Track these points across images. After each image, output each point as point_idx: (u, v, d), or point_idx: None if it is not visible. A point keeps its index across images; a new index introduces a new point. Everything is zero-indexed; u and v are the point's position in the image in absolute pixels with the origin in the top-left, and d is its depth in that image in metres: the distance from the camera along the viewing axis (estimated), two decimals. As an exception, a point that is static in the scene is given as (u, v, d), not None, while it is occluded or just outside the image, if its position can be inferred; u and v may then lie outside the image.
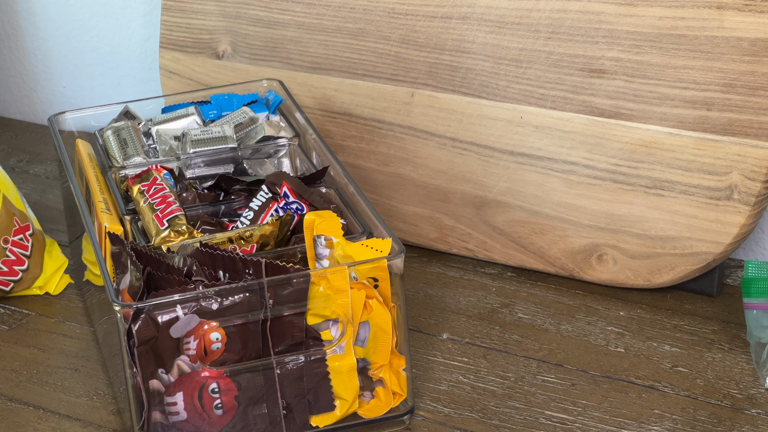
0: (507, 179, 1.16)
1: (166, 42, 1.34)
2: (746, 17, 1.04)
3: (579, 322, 1.11)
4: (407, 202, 1.22)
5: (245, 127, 1.15)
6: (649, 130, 1.09)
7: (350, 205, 1.03)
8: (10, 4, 1.60)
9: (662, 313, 1.12)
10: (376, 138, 1.22)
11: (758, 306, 1.05)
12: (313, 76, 1.25)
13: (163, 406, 0.92)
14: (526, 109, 1.14)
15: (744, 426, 0.97)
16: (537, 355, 1.07)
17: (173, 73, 1.34)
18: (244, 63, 1.29)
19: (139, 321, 0.89)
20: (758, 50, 1.04)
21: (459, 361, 1.06)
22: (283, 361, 0.93)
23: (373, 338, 0.95)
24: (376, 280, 0.94)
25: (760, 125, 1.04)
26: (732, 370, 1.04)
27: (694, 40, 1.06)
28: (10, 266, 1.16)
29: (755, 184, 1.06)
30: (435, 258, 1.22)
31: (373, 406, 0.97)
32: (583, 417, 0.99)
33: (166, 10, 1.33)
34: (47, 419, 1.01)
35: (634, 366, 1.05)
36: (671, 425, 0.97)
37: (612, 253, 1.13)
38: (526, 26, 1.13)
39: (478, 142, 1.17)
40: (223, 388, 0.92)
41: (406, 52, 1.19)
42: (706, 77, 1.06)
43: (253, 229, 0.99)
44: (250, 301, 0.91)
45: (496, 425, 0.98)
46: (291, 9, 1.25)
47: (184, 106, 1.19)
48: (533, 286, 1.17)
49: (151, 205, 1.02)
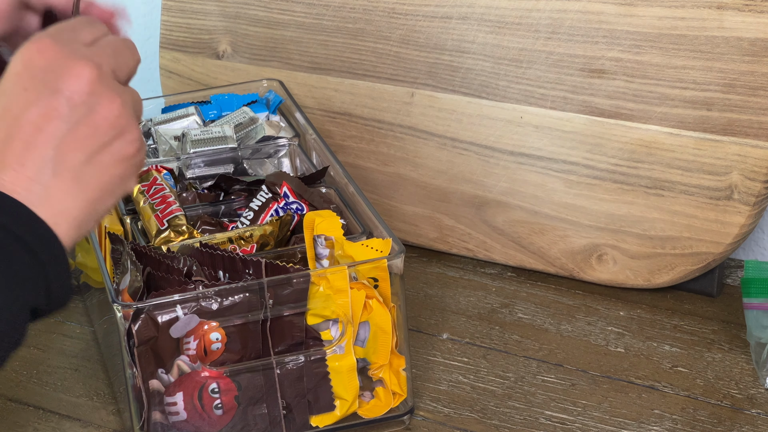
0: (507, 179, 1.16)
1: (166, 42, 1.34)
2: (746, 17, 1.04)
3: (579, 322, 1.11)
4: (407, 202, 1.22)
5: (245, 127, 1.15)
6: (649, 130, 1.09)
7: (350, 205, 1.03)
8: (10, 4, 1.60)
9: (662, 313, 1.12)
10: (376, 138, 1.22)
11: (758, 306, 1.05)
12: (313, 76, 1.25)
13: (163, 406, 0.92)
14: (526, 109, 1.14)
15: (744, 426, 0.97)
16: (537, 355, 1.07)
17: (173, 73, 1.34)
18: (244, 63, 1.29)
19: (139, 321, 0.89)
20: (758, 50, 1.04)
21: (459, 361, 1.06)
22: (283, 361, 0.93)
23: (373, 338, 0.95)
24: (376, 280, 0.94)
25: (760, 125, 1.04)
26: (732, 370, 1.04)
27: (694, 40, 1.06)
28: None
29: (755, 184, 1.06)
30: (435, 258, 1.22)
31: (373, 406, 0.97)
32: (583, 417, 0.99)
33: (166, 10, 1.33)
34: (47, 419, 1.01)
35: (634, 366, 1.05)
36: (671, 425, 0.97)
37: (612, 253, 1.13)
38: (526, 26, 1.13)
39: (478, 142, 1.17)
40: (223, 388, 0.92)
41: (406, 52, 1.19)
42: (706, 77, 1.06)
43: (253, 229, 0.99)
44: (250, 301, 0.91)
45: (496, 425, 0.98)
46: (291, 9, 1.25)
47: (184, 106, 1.19)
48: (533, 286, 1.17)
49: (151, 205, 1.02)
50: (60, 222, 0.72)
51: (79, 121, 0.73)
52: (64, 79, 0.73)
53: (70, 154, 0.72)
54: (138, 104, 0.77)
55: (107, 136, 0.74)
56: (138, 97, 0.78)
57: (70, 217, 0.73)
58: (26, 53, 0.74)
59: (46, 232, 0.72)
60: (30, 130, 0.72)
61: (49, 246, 0.72)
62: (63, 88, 0.73)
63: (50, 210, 0.72)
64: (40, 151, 0.72)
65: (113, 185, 0.74)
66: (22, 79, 0.73)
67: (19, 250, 0.71)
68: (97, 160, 0.73)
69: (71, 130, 0.72)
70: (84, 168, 0.73)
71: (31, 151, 0.72)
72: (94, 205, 0.74)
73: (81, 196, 0.73)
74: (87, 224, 0.74)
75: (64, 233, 0.72)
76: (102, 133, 0.73)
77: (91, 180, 0.73)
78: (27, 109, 0.72)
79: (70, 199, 0.73)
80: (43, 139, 0.72)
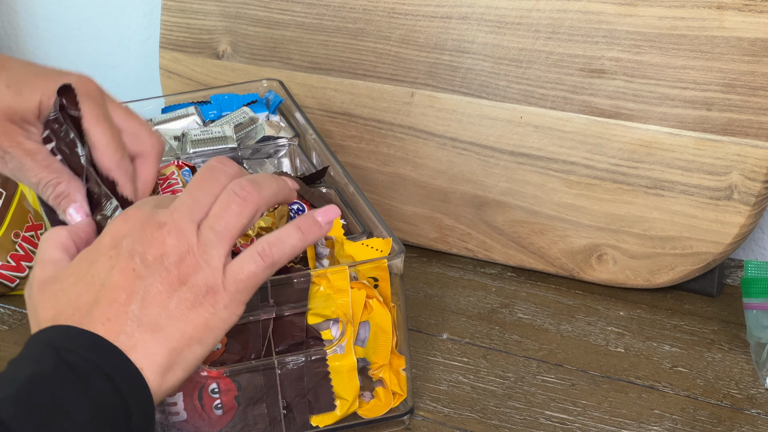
0: (507, 179, 1.16)
1: (166, 42, 1.34)
2: (746, 17, 1.04)
3: (579, 322, 1.11)
4: (407, 202, 1.22)
5: (245, 127, 1.15)
6: (649, 130, 1.09)
7: (350, 205, 1.03)
8: (10, 4, 1.60)
9: (662, 313, 1.12)
10: (376, 138, 1.22)
11: (758, 306, 1.05)
12: (313, 76, 1.25)
13: (163, 407, 0.92)
14: (526, 109, 1.14)
15: (744, 426, 0.97)
16: (537, 355, 1.07)
17: (173, 73, 1.34)
18: (244, 63, 1.29)
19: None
20: (758, 50, 1.04)
21: (459, 361, 1.06)
22: (284, 361, 0.93)
23: (373, 338, 0.95)
24: (376, 280, 0.94)
25: (760, 125, 1.05)
26: (732, 370, 1.04)
27: (694, 40, 1.06)
28: (18, 261, 1.16)
29: (755, 184, 1.06)
30: (435, 258, 1.22)
31: (373, 406, 0.97)
32: (583, 417, 0.99)
33: (166, 10, 1.33)
34: (47, 419, 1.01)
35: (634, 366, 1.05)
36: (671, 425, 0.97)
37: (612, 253, 1.13)
38: (526, 26, 1.13)
39: (478, 142, 1.17)
40: (223, 388, 0.93)
41: (406, 52, 1.19)
42: (706, 77, 1.06)
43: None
44: (250, 301, 0.91)
45: (496, 425, 0.98)
46: (291, 9, 1.25)
47: (184, 106, 1.19)
48: (533, 286, 1.17)
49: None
50: (145, 366, 0.77)
51: (154, 277, 0.78)
52: (141, 242, 0.79)
53: (150, 308, 0.78)
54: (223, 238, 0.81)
55: (176, 284, 0.79)
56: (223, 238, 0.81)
57: (155, 363, 0.77)
58: (113, 224, 0.81)
59: (134, 374, 0.77)
60: (113, 289, 0.78)
61: (135, 387, 0.76)
62: (138, 249, 0.79)
63: (135, 356, 0.77)
64: (124, 307, 0.78)
65: (198, 334, 0.79)
66: (108, 247, 0.80)
67: (108, 388, 0.75)
68: (172, 309, 0.78)
69: (148, 286, 0.78)
70: (164, 318, 0.78)
71: (115, 307, 0.78)
72: (181, 353, 0.78)
73: (166, 344, 0.78)
74: (174, 372, 0.79)
75: (150, 377, 0.77)
76: (172, 282, 0.79)
77: (173, 330, 0.78)
78: (110, 273, 0.78)
79: (154, 347, 0.78)
80: (125, 297, 0.78)
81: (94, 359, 0.75)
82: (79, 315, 0.78)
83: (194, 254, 0.79)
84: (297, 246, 0.83)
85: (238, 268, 0.80)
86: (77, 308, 0.78)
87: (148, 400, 0.77)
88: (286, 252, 0.82)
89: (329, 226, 0.86)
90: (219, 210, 0.80)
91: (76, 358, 0.75)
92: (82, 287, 0.79)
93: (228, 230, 0.80)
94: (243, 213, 0.81)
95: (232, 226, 0.80)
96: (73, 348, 0.76)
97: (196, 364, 0.80)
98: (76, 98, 0.91)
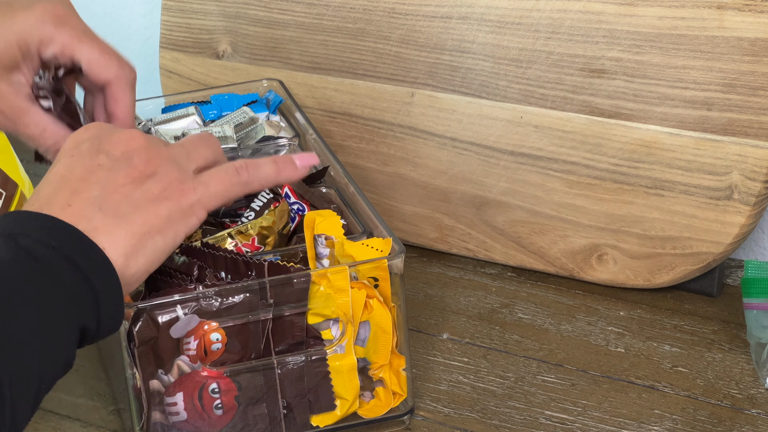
0: (507, 179, 1.16)
1: (166, 42, 1.34)
2: (746, 17, 1.04)
3: (579, 322, 1.11)
4: (407, 202, 1.22)
5: (245, 127, 1.15)
6: (649, 130, 1.09)
7: (350, 205, 1.03)
8: (9, 4, 1.60)
9: (662, 313, 1.12)
10: (376, 138, 1.22)
11: (758, 306, 1.05)
12: (313, 76, 1.25)
13: (163, 407, 0.92)
14: (526, 109, 1.14)
15: (744, 426, 0.97)
16: (537, 355, 1.07)
17: (173, 73, 1.34)
18: (244, 63, 1.29)
19: (140, 321, 0.89)
20: (758, 50, 1.04)
21: (459, 361, 1.06)
22: (284, 360, 0.93)
23: (373, 338, 0.95)
24: (376, 280, 0.94)
25: (760, 125, 1.05)
26: (732, 370, 1.04)
27: (694, 40, 1.06)
28: None
29: (755, 184, 1.06)
30: (435, 258, 1.22)
31: (373, 406, 0.97)
32: (583, 417, 0.99)
33: (166, 10, 1.33)
34: (47, 419, 1.01)
35: (634, 366, 1.05)
36: (671, 425, 0.97)
37: (612, 253, 1.13)
38: (526, 26, 1.13)
39: (478, 142, 1.17)
40: (223, 388, 0.92)
41: (406, 52, 1.19)
42: (706, 77, 1.06)
43: (252, 222, 0.99)
44: (250, 301, 0.91)
45: (496, 425, 0.98)
46: (291, 9, 1.25)
47: (184, 106, 1.19)
48: (533, 286, 1.17)
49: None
50: (107, 247, 0.76)
51: (119, 169, 0.78)
52: (105, 142, 0.80)
53: (113, 195, 0.77)
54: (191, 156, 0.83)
55: (142, 177, 0.79)
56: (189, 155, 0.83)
57: (117, 246, 0.76)
58: (74, 134, 0.81)
59: (96, 254, 0.75)
60: (75, 181, 0.78)
61: (99, 267, 0.75)
62: (104, 148, 0.79)
63: (97, 238, 0.76)
64: (85, 193, 0.77)
65: (159, 224, 0.79)
66: (69, 150, 0.80)
67: (69, 270, 0.73)
68: (137, 198, 0.78)
69: (112, 176, 0.78)
70: (127, 205, 0.78)
71: (77, 194, 0.77)
72: (142, 240, 0.78)
73: (128, 228, 0.77)
74: (135, 258, 0.77)
75: (113, 257, 0.76)
76: (137, 176, 0.79)
77: (136, 216, 0.78)
78: (72, 169, 0.78)
79: (115, 230, 0.77)
80: (87, 185, 0.77)
81: (53, 243, 0.73)
82: (38, 205, 0.77)
83: (164, 156, 0.80)
84: (270, 176, 0.84)
85: (210, 175, 0.81)
86: (36, 200, 0.78)
87: (115, 282, 0.75)
88: (260, 177, 0.83)
89: (305, 170, 0.88)
90: (190, 147, 0.83)
91: (33, 243, 0.73)
92: (43, 185, 0.79)
93: (201, 155, 0.82)
94: (212, 147, 0.84)
95: (203, 155, 0.83)
96: (30, 233, 0.74)
97: (158, 258, 0.79)
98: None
